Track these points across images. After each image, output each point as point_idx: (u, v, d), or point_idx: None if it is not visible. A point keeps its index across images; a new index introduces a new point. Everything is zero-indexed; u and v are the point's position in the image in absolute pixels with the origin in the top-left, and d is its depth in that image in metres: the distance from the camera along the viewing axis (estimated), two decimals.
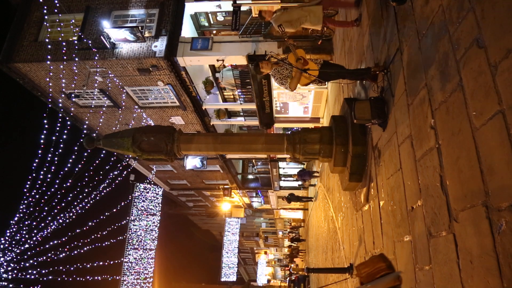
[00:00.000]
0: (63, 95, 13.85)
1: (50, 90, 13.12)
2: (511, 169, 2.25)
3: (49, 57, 12.22)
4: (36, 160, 11.92)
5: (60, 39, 12.37)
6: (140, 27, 12.33)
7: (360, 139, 5.52)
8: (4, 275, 12.15)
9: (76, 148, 12.71)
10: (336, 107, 10.11)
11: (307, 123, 15.44)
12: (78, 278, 13.10)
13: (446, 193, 3.10)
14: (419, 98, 3.73)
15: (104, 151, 14.36)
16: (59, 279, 12.75)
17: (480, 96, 2.65)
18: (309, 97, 14.66)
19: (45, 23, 13.27)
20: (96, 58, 12.35)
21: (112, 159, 14.58)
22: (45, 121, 11.62)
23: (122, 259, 17.13)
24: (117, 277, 16.72)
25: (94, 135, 12.82)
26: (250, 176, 25.50)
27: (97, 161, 13.63)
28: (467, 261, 2.79)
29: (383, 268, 2.70)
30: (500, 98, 2.41)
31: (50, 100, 13.46)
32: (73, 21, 13.02)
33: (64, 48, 12.19)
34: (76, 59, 12.21)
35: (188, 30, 13.70)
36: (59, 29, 13.08)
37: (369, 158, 5.48)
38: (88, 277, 13.59)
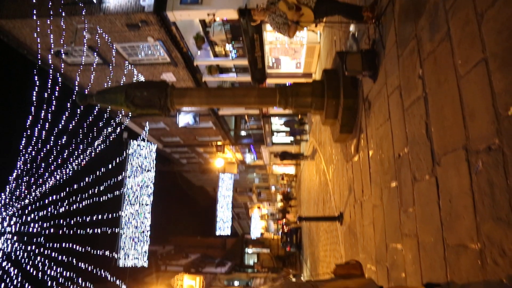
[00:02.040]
0: (52, 52, 13.56)
1: (39, 46, 12.82)
2: (490, 113, 2.41)
3: (34, 12, 11.84)
4: (30, 117, 11.91)
5: None
6: None
7: (351, 91, 5.64)
8: (8, 229, 12.56)
9: (68, 104, 12.65)
10: (329, 61, 10.11)
11: (299, 78, 15.42)
12: (78, 231, 13.59)
13: (431, 140, 3.28)
14: (408, 49, 3.82)
15: (96, 109, 14.33)
16: (60, 232, 13.22)
17: (466, 45, 2.75)
18: (301, 52, 14.55)
19: None
20: (83, 13, 12.00)
21: (105, 115, 14.58)
22: (36, 78, 11.48)
23: (119, 213, 17.63)
24: (116, 230, 17.29)
25: (86, 92, 12.73)
26: (243, 133, 25.70)
27: (90, 119, 13.63)
28: (446, 201, 3.02)
29: (357, 275, 2.99)
30: (484, 46, 2.52)
31: (39, 57, 13.19)
32: None
33: (50, 3, 11.79)
34: (63, 14, 11.85)
35: None
36: None
37: (360, 110, 5.62)
38: (88, 230, 14.09)
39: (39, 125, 12.07)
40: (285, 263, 37.93)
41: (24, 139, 12.05)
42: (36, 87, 11.71)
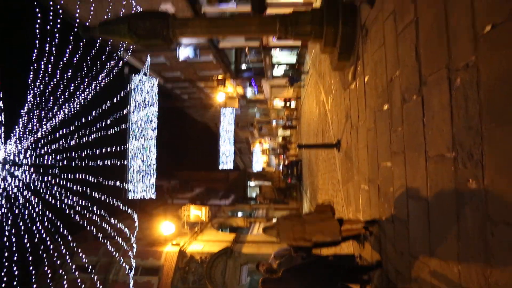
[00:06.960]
0: None
1: None
2: (470, 33, 2.64)
3: None
4: (35, 51, 11.92)
5: None
6: None
7: (350, 19, 5.73)
8: (25, 161, 13.21)
9: (71, 37, 12.55)
10: None
11: (300, 7, 15.10)
12: (89, 163, 14.25)
13: (419, 62, 3.53)
14: None
15: (97, 44, 14.20)
16: (72, 164, 13.90)
17: None
18: None
19: None
20: None
21: (107, 49, 14.51)
22: (37, 10, 11.29)
23: (127, 146, 18.22)
24: (125, 162, 18.00)
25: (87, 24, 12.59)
26: (244, 66, 25.53)
27: (91, 54, 13.60)
28: (429, 117, 3.35)
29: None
30: None
31: None
32: None
33: None
34: None
35: None
36: None
37: (357, 37, 5.76)
38: (98, 162, 14.75)
39: (44, 58, 12.11)
40: (286, 195, 39.50)
41: (31, 73, 12.19)
42: (38, 19, 11.55)
